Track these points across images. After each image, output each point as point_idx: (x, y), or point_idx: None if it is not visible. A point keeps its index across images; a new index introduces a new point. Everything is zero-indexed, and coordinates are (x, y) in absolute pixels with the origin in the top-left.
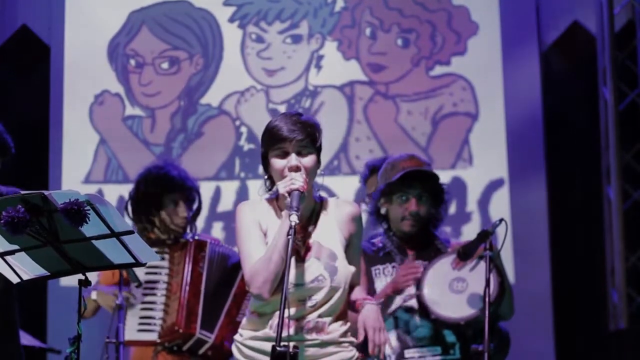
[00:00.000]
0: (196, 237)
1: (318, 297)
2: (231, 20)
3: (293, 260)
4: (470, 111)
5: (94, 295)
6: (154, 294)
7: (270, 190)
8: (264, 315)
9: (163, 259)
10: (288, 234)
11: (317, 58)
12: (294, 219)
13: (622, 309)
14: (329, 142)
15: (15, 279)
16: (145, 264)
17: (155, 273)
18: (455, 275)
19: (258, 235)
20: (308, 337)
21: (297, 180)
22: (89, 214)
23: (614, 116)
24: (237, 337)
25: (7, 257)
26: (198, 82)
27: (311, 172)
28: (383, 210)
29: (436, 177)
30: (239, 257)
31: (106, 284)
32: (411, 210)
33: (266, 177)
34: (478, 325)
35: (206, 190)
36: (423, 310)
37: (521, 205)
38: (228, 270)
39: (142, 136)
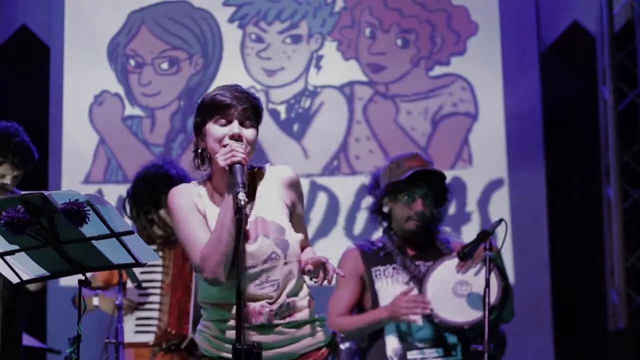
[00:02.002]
0: None
1: (275, 276)
2: (231, 20)
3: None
4: (470, 111)
5: (95, 301)
6: (150, 294)
7: (200, 167)
8: (227, 305)
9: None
10: (236, 214)
11: (317, 58)
12: (242, 197)
13: (622, 309)
14: (329, 143)
15: (15, 279)
16: (145, 264)
17: (151, 272)
18: (459, 278)
19: (199, 219)
20: (283, 321)
21: (238, 152)
22: (89, 214)
23: (614, 116)
24: (203, 329)
25: (7, 257)
26: (198, 82)
27: (251, 147)
28: (386, 209)
29: (443, 177)
30: None
31: (104, 281)
32: (417, 210)
33: (198, 151)
34: (482, 329)
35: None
36: (426, 313)
37: (521, 205)
38: None
39: (141, 136)
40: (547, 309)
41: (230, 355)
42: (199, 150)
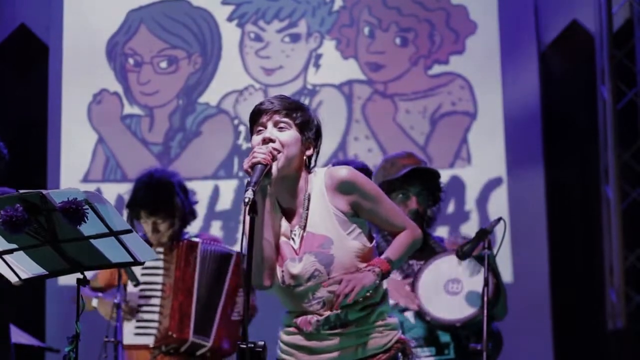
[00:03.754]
0: (188, 238)
1: (320, 293)
2: (229, 19)
3: (289, 259)
4: (469, 110)
5: (94, 302)
6: (150, 296)
7: None
8: (292, 312)
9: (158, 259)
10: (249, 212)
11: (316, 57)
12: (248, 195)
13: (621, 308)
14: (328, 142)
15: (14, 278)
16: (144, 262)
17: (151, 274)
18: (451, 276)
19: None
20: (332, 331)
21: (259, 153)
22: (87, 212)
23: (613, 115)
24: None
25: (6, 256)
26: (196, 81)
27: (288, 149)
28: None
29: (438, 175)
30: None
31: (105, 282)
32: (412, 208)
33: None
34: (474, 327)
35: (205, 189)
36: (418, 311)
37: (519, 204)
38: (220, 268)
39: (140, 135)
40: (546, 308)
41: (283, 355)
42: None
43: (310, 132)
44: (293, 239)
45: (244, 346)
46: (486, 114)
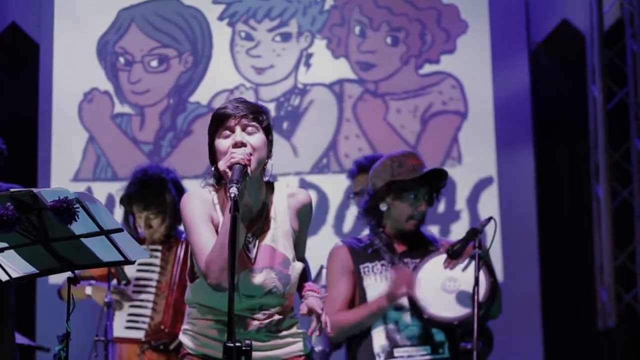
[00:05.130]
0: (186, 237)
1: (270, 308)
2: (220, 18)
3: (247, 268)
4: (460, 109)
5: (88, 290)
6: (144, 292)
7: (217, 184)
8: (217, 310)
9: (155, 256)
10: (230, 211)
11: (307, 56)
12: (234, 190)
13: (611, 308)
14: (318, 141)
15: (4, 277)
16: (134, 261)
17: (147, 271)
18: (447, 274)
19: (209, 226)
20: (269, 333)
21: (237, 154)
22: (78, 211)
23: (603, 115)
24: (189, 327)
25: None
26: (187, 80)
27: (259, 152)
28: (384, 207)
29: (446, 177)
30: None
31: (96, 272)
32: (421, 209)
33: (212, 168)
34: (470, 325)
35: (195, 188)
36: (415, 310)
37: (510, 203)
38: None
39: (131, 134)
40: (536, 307)
41: (214, 353)
42: (212, 169)
43: (271, 135)
44: (247, 246)
45: (231, 345)
46: (477, 113)
